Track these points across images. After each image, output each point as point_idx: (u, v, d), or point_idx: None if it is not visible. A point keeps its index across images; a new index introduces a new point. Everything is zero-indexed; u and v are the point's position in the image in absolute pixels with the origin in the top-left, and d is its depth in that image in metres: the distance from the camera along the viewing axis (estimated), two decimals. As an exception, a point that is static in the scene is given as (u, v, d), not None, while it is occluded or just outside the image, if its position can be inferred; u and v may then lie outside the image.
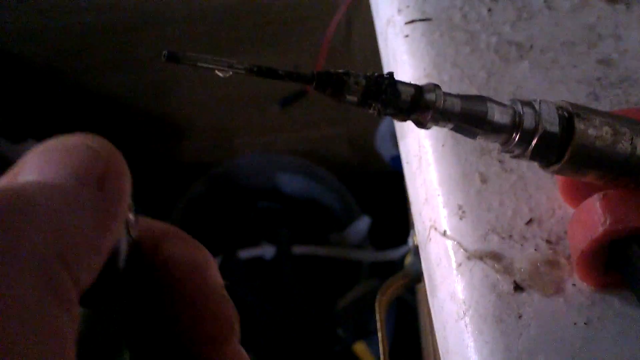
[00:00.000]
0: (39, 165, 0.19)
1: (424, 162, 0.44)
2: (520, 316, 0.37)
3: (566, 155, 0.33)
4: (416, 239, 0.47)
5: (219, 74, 0.26)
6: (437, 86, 0.31)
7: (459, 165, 0.42)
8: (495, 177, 0.42)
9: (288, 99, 1.44)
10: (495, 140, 0.32)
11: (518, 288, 0.38)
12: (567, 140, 0.33)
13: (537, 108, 0.32)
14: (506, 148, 0.33)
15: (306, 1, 1.30)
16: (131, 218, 0.21)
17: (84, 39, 1.34)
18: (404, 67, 0.48)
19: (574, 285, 0.38)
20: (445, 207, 0.41)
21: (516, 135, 0.32)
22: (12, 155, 1.26)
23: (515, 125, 0.32)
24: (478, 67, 0.46)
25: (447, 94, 0.31)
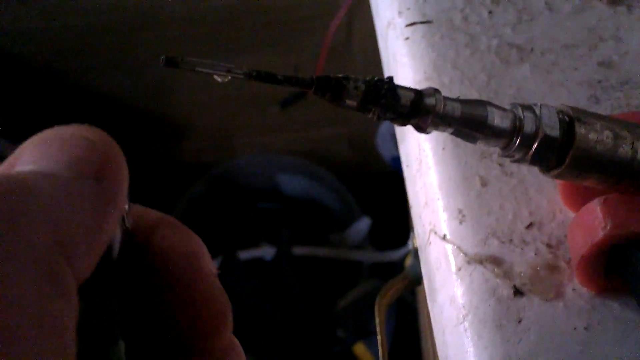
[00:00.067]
0: (36, 155, 0.19)
1: (424, 166, 0.43)
2: (520, 321, 0.37)
3: (567, 160, 0.32)
4: (416, 241, 0.46)
5: (217, 79, 0.26)
6: (437, 90, 0.30)
7: (459, 168, 0.42)
8: (495, 181, 0.41)
9: (288, 99, 1.44)
10: (495, 145, 0.32)
11: (518, 292, 0.38)
12: (568, 145, 0.32)
13: (538, 112, 0.32)
14: (506, 152, 0.33)
15: (306, 2, 1.30)
16: (125, 208, 0.20)
17: (84, 40, 1.34)
18: (405, 70, 0.48)
19: (574, 289, 0.37)
20: (445, 211, 0.41)
21: (516, 139, 0.32)
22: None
23: (515, 129, 0.32)
24: (478, 70, 0.46)
25: (447, 98, 0.31)
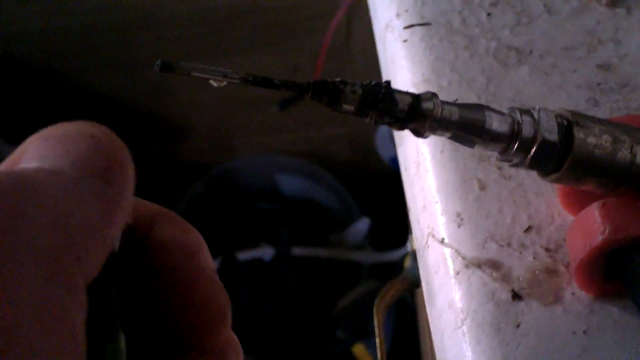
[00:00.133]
0: (41, 152, 0.19)
1: (422, 169, 0.43)
2: (518, 325, 0.37)
3: (565, 164, 0.32)
4: (414, 244, 0.46)
5: (213, 83, 0.26)
6: (435, 94, 0.30)
7: (457, 171, 0.42)
8: (494, 184, 0.41)
9: (287, 100, 1.44)
10: (493, 149, 0.32)
11: (516, 297, 0.37)
12: (567, 149, 0.32)
13: (536, 116, 0.32)
14: (505, 157, 0.32)
15: (306, 2, 1.29)
16: (131, 206, 0.20)
17: (83, 40, 1.34)
18: (403, 72, 0.47)
19: (573, 293, 0.37)
20: (444, 214, 0.41)
21: (515, 144, 0.32)
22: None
23: (513, 133, 0.32)
24: (477, 72, 0.46)
25: (445, 103, 0.30)
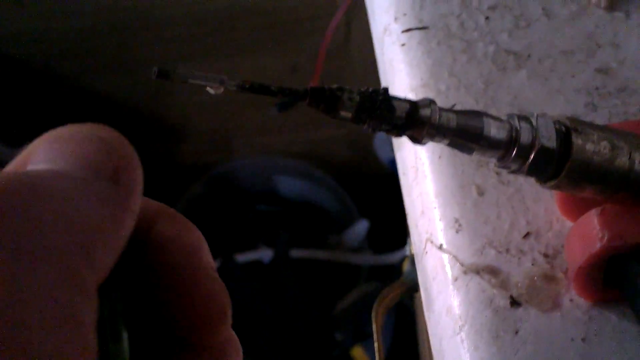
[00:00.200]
0: (50, 154, 0.19)
1: (420, 174, 0.43)
2: (517, 332, 0.36)
3: (564, 171, 0.32)
4: (413, 248, 0.46)
5: (210, 90, 0.26)
6: (432, 101, 0.30)
7: (455, 177, 0.42)
8: (492, 190, 0.41)
9: (285, 103, 1.44)
10: (491, 156, 0.32)
11: (515, 303, 0.37)
12: (565, 156, 0.32)
13: (534, 123, 0.32)
14: (503, 163, 0.32)
15: (305, 3, 1.29)
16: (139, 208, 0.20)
17: (82, 42, 1.34)
18: (401, 76, 0.47)
19: (571, 300, 0.37)
20: (442, 220, 0.41)
21: (513, 150, 0.32)
22: (10, 159, 1.25)
23: (512, 140, 0.31)
24: (475, 77, 0.46)
25: (443, 109, 0.30)
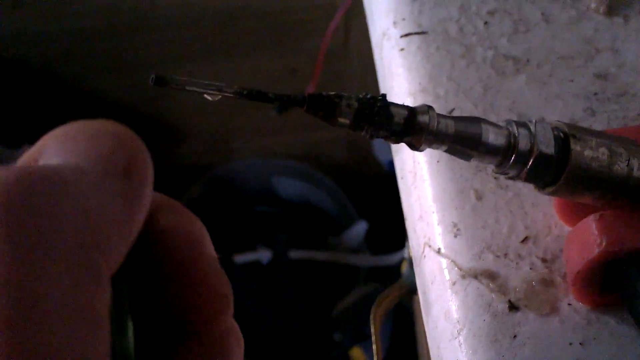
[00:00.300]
0: (62, 149, 0.19)
1: (419, 178, 0.43)
2: (515, 336, 0.36)
3: (562, 178, 0.32)
4: (411, 251, 0.46)
5: (207, 97, 0.26)
6: (431, 107, 0.30)
7: (454, 181, 0.42)
8: (490, 194, 0.41)
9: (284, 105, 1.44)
10: (490, 162, 0.32)
11: (513, 307, 0.37)
12: (563, 162, 0.32)
13: (533, 129, 0.32)
14: (501, 170, 0.32)
15: (304, 5, 1.29)
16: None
17: (80, 43, 1.34)
18: (400, 81, 0.47)
19: (569, 304, 0.37)
20: (440, 224, 0.41)
21: (511, 157, 0.32)
22: (8, 160, 1.25)
23: (510, 146, 0.31)
24: (474, 81, 0.46)
25: (441, 116, 0.30)
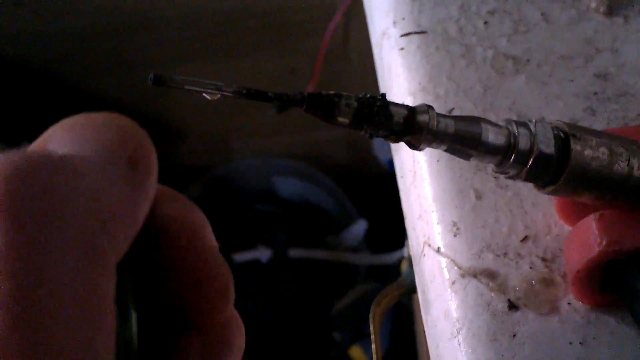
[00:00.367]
0: (67, 140, 0.19)
1: (419, 178, 0.43)
2: (514, 335, 0.36)
3: (562, 177, 0.32)
4: (410, 250, 0.46)
5: (206, 96, 0.26)
6: (430, 107, 0.30)
7: (453, 181, 0.42)
8: (490, 194, 0.41)
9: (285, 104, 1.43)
10: (489, 162, 0.32)
11: (512, 307, 0.37)
12: (563, 162, 0.32)
13: (533, 129, 0.32)
14: (501, 169, 0.32)
15: (303, 5, 1.29)
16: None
17: (80, 42, 1.33)
18: (399, 80, 0.47)
19: (569, 304, 0.37)
20: (440, 224, 0.41)
21: (511, 156, 0.32)
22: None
23: (510, 146, 0.31)
24: (474, 81, 0.46)
25: (441, 115, 0.30)
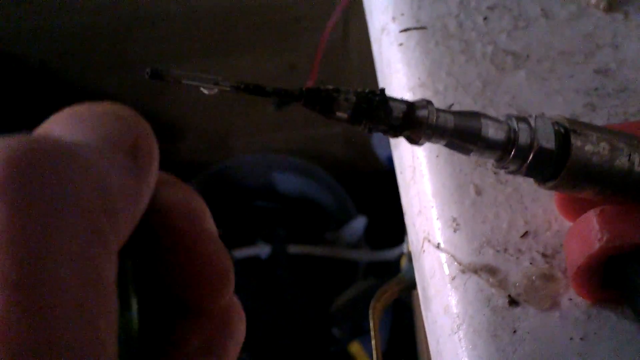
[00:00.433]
0: (69, 128, 0.19)
1: (418, 173, 0.43)
2: (515, 331, 0.36)
3: (562, 172, 0.32)
4: (410, 247, 0.46)
5: (204, 91, 0.25)
6: (430, 102, 0.30)
7: (453, 176, 0.42)
8: (490, 189, 0.41)
9: (283, 100, 1.43)
10: (489, 157, 0.32)
11: (513, 302, 0.37)
12: (564, 157, 0.32)
13: (533, 124, 0.32)
14: (501, 164, 0.32)
15: (303, 1, 1.29)
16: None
17: (79, 39, 1.33)
18: (399, 76, 0.47)
19: (570, 299, 0.37)
20: (439, 219, 0.41)
21: (511, 151, 0.31)
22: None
23: (510, 141, 0.31)
24: (473, 77, 0.46)
25: (440, 110, 0.30)
